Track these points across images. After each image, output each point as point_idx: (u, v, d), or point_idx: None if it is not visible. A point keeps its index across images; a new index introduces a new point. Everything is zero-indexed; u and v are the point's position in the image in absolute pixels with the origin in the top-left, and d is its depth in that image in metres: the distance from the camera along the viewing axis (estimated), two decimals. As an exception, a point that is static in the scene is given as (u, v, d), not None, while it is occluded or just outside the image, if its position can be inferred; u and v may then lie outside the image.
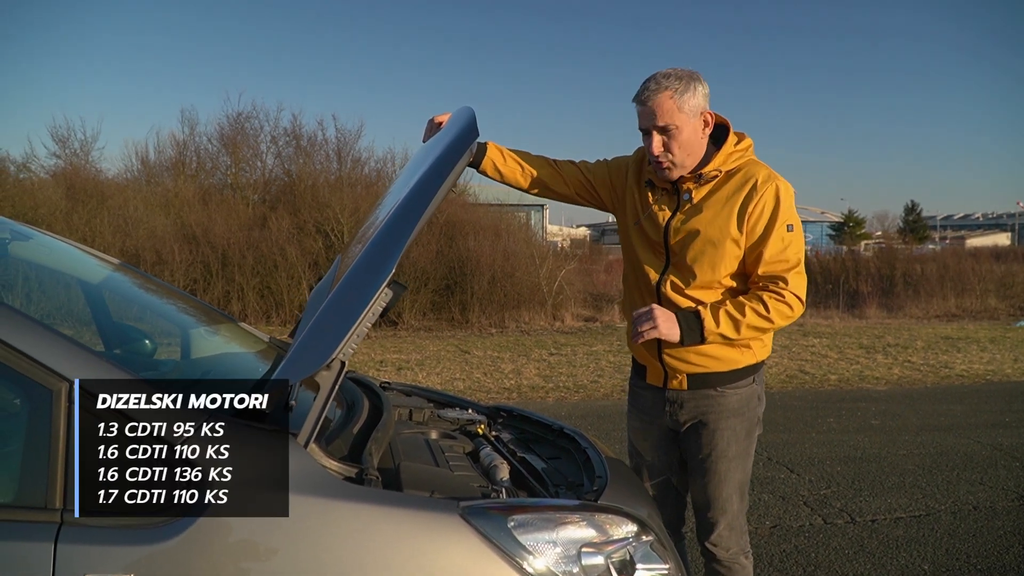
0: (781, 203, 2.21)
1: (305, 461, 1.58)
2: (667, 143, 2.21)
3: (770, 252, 2.20)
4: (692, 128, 2.22)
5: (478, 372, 9.24)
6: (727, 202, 2.23)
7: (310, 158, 18.92)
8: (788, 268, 2.21)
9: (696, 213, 2.26)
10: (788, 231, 2.22)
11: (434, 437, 2.34)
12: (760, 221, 2.21)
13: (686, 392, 2.35)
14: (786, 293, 2.19)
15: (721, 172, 2.26)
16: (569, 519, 1.69)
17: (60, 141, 19.36)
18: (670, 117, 2.18)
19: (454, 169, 2.03)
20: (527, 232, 19.39)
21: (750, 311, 2.17)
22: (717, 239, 2.22)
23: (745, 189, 2.22)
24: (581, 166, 2.53)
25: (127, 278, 3.03)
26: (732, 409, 2.33)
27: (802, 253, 2.26)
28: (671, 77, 2.19)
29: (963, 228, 79.78)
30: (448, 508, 1.59)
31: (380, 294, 1.75)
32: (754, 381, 2.37)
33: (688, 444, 2.40)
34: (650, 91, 2.19)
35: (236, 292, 14.51)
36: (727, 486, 2.35)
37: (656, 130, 2.21)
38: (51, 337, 1.52)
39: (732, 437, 2.34)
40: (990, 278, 19.36)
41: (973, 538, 3.97)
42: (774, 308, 2.18)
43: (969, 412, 7.13)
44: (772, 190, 2.21)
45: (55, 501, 1.46)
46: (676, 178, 2.28)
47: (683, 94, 2.18)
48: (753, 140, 2.33)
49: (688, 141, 2.23)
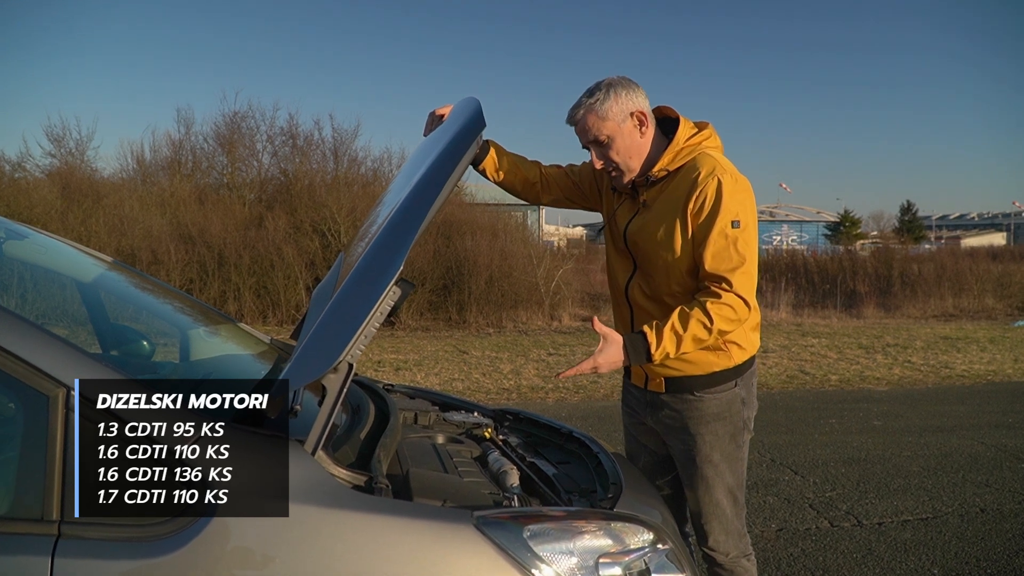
0: (724, 197, 2.07)
1: (312, 469, 1.52)
2: (604, 154, 2.22)
3: (712, 250, 2.08)
4: (624, 132, 2.19)
5: (477, 372, 9.18)
6: (673, 201, 2.16)
7: (307, 157, 18.82)
8: (732, 267, 2.07)
9: (647, 214, 2.24)
10: (733, 227, 2.08)
11: (441, 442, 2.28)
12: (700, 216, 2.10)
13: (665, 395, 2.31)
14: (728, 295, 2.05)
15: (668, 171, 2.20)
16: (586, 528, 1.63)
17: (55, 140, 19.23)
18: (597, 130, 2.18)
19: (462, 160, 1.96)
20: (524, 232, 19.31)
21: (693, 322, 2.04)
22: (664, 241, 2.16)
23: (686, 184, 2.14)
24: (568, 170, 2.54)
25: (124, 277, 2.97)
26: (712, 414, 2.27)
27: (751, 251, 2.11)
28: (589, 92, 2.20)
29: (959, 228, 79.85)
30: (462, 518, 1.53)
31: (388, 293, 1.68)
32: (736, 385, 2.28)
33: (673, 448, 2.37)
34: (573, 112, 2.22)
35: (232, 292, 14.41)
36: (716, 491, 2.30)
37: (591, 144, 2.22)
38: (47, 340, 1.46)
39: (715, 442, 2.28)
40: (987, 278, 19.33)
41: (982, 541, 3.92)
42: (716, 315, 2.04)
43: (972, 413, 7.09)
44: (713, 184, 2.08)
45: (52, 512, 1.39)
46: (628, 183, 2.26)
47: (603, 103, 2.16)
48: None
49: (625, 146, 2.20)
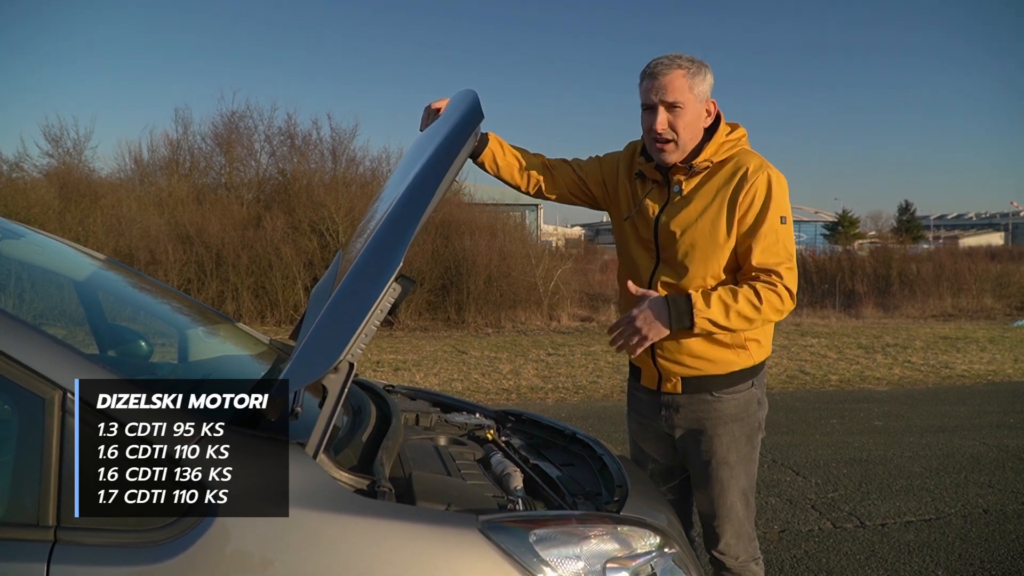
0: (773, 193, 2.12)
1: (314, 472, 1.48)
2: (672, 121, 2.15)
3: (763, 244, 2.11)
4: (696, 112, 2.17)
5: (476, 373, 9.15)
6: (717, 193, 2.16)
7: (305, 157, 18.79)
8: (780, 261, 2.11)
9: (685, 205, 2.19)
10: (781, 223, 2.13)
11: (443, 443, 2.25)
12: (751, 211, 2.12)
13: (681, 396, 2.26)
14: (779, 285, 2.09)
15: (712, 163, 2.19)
16: (593, 532, 1.59)
17: (53, 140, 19.19)
18: (680, 94, 2.13)
19: (460, 153, 1.92)
20: (523, 232, 19.30)
21: (742, 298, 2.06)
22: (707, 232, 2.15)
23: (735, 179, 2.14)
24: (574, 164, 2.48)
25: (121, 277, 2.94)
26: (730, 415, 2.24)
27: (794, 247, 2.18)
28: (683, 58, 2.16)
29: (956, 228, 79.91)
30: (466, 522, 1.49)
31: (388, 289, 1.64)
32: (753, 385, 2.27)
33: (687, 451, 2.32)
34: (663, 65, 2.14)
35: (231, 292, 14.38)
36: (730, 494, 2.26)
37: (664, 105, 2.15)
38: (42, 341, 1.42)
39: (732, 443, 2.25)
40: (986, 278, 19.34)
41: (986, 543, 3.90)
42: (766, 299, 2.07)
43: (973, 413, 7.07)
44: (764, 179, 2.12)
45: (48, 518, 1.36)
46: (673, 163, 2.20)
47: (695, 76, 2.15)
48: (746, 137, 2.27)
49: (693, 124, 2.17)
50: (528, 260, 15.83)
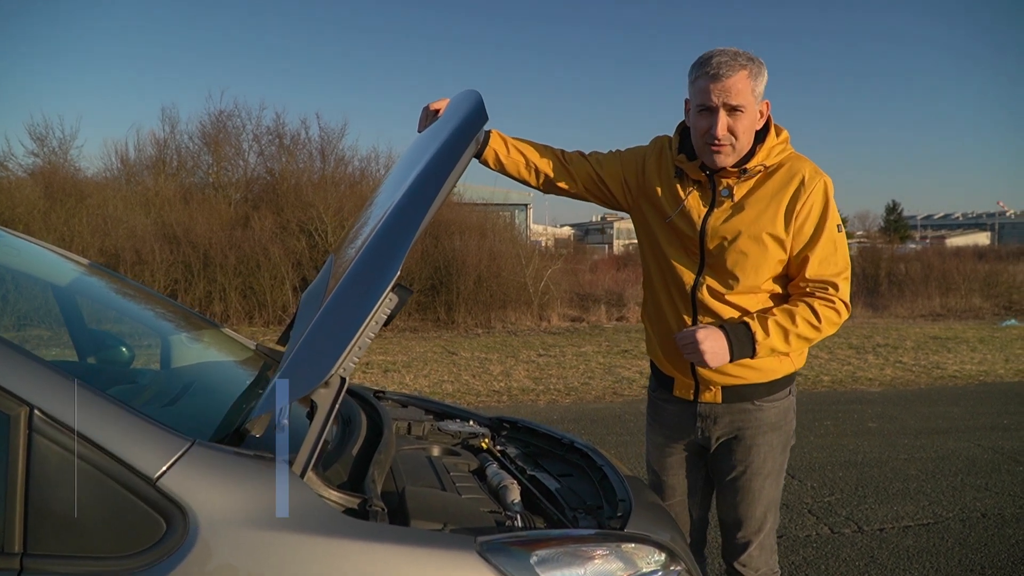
0: (830, 201, 2.05)
1: (301, 492, 1.39)
2: (732, 125, 2.00)
3: (820, 255, 2.02)
4: (753, 115, 2.04)
5: (466, 374, 9.06)
6: (772, 199, 2.04)
7: (293, 157, 18.65)
8: (838, 272, 2.03)
9: (739, 211, 2.06)
10: (838, 231, 2.05)
11: (436, 454, 2.17)
12: (809, 221, 2.03)
13: (720, 406, 2.17)
14: (836, 300, 2.01)
15: (765, 167, 2.07)
16: (596, 553, 1.51)
17: (38, 139, 18.94)
18: (744, 97, 1.98)
19: (462, 157, 1.81)
20: (512, 232, 19.21)
21: (801, 321, 1.99)
22: (761, 240, 2.03)
23: (792, 186, 2.03)
24: (591, 159, 2.28)
25: (103, 282, 2.83)
26: (770, 423, 2.17)
27: (848, 255, 2.09)
28: (743, 56, 1.99)
29: (943, 227, 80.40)
30: (464, 544, 1.41)
31: (384, 300, 1.55)
32: (790, 392, 2.22)
33: (719, 461, 2.23)
34: (727, 66, 1.97)
35: (218, 292, 14.22)
36: (760, 504, 2.19)
37: (725, 109, 1.99)
38: (8, 353, 1.32)
39: (768, 453, 2.18)
40: (974, 277, 19.39)
41: (985, 547, 3.84)
42: (825, 317, 2.00)
43: (966, 414, 7.03)
44: (820, 187, 2.03)
45: (14, 544, 1.26)
46: (726, 165, 2.06)
47: (757, 77, 2.01)
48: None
49: (750, 127, 2.04)
50: (518, 260, 15.74)
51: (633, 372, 9.19)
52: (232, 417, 1.75)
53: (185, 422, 1.62)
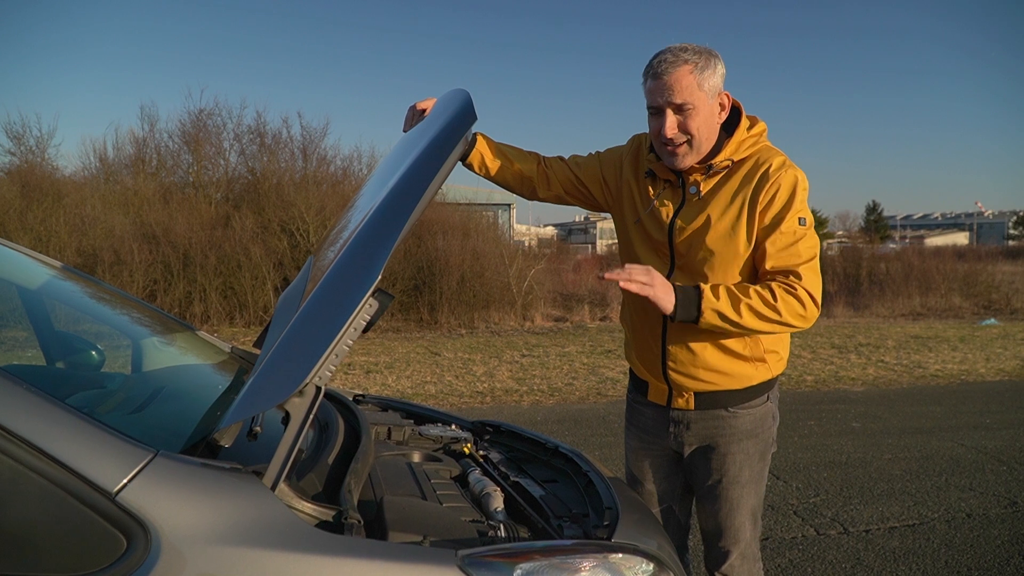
0: (796, 194, 1.95)
1: (271, 506, 1.31)
2: (682, 123, 1.94)
3: (779, 244, 1.94)
4: (709, 110, 1.97)
5: (449, 375, 8.99)
6: (737, 194, 1.98)
7: (274, 156, 18.43)
8: (799, 263, 1.94)
9: (704, 208, 2.00)
10: (800, 224, 1.95)
11: (416, 460, 2.10)
12: (770, 210, 1.95)
13: (693, 412, 2.11)
14: (798, 287, 1.91)
15: (732, 162, 2.01)
16: (582, 565, 1.45)
17: (15, 138, 18.61)
18: (688, 94, 1.92)
19: (449, 158, 1.75)
20: (495, 231, 19.14)
21: (755, 294, 1.89)
22: (728, 236, 1.97)
23: (755, 177, 1.97)
24: (571, 162, 2.27)
25: (72, 284, 2.74)
26: (745, 431, 2.11)
27: (816, 252, 1.99)
28: (689, 51, 1.93)
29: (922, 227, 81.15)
30: (444, 559, 1.34)
31: (363, 305, 1.48)
32: (768, 399, 2.16)
33: (695, 469, 2.17)
34: (667, 63, 1.92)
35: (198, 293, 14.05)
36: (739, 513, 2.13)
37: (671, 108, 1.93)
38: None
39: (745, 461, 2.12)
40: (954, 277, 19.52)
41: (971, 548, 3.82)
42: (783, 300, 1.90)
43: (949, 414, 7.04)
44: (788, 180, 1.95)
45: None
46: (686, 166, 2.01)
47: (704, 71, 1.93)
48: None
49: (706, 124, 1.97)
50: (501, 260, 15.69)
51: (617, 373, 9.15)
52: (202, 426, 1.68)
53: (151, 431, 1.55)
